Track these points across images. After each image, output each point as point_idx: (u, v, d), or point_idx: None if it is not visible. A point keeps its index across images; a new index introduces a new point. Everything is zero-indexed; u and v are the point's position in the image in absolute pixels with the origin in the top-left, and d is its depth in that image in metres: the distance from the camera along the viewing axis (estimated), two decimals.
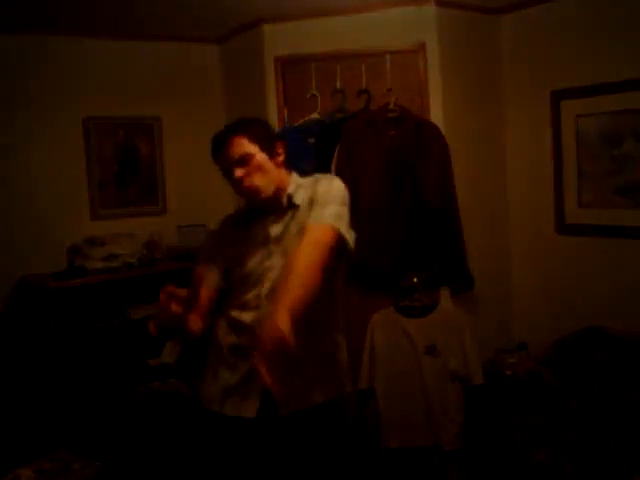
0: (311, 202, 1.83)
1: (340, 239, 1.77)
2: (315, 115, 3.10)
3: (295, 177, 1.93)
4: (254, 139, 1.86)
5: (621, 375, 2.62)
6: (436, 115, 3.04)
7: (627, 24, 2.82)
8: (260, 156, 1.84)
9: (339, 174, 2.98)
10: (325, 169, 3.03)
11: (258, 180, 1.83)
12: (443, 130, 3.00)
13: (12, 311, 3.12)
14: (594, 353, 2.72)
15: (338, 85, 3.10)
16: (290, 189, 1.88)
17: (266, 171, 1.85)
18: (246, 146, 1.84)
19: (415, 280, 2.99)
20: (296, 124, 3.12)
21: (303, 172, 3.02)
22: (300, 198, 1.86)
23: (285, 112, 3.20)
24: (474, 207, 3.17)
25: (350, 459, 1.94)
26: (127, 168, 3.44)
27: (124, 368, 3.15)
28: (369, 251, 2.98)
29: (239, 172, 1.82)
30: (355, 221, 2.83)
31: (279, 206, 1.88)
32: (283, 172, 1.90)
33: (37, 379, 3.10)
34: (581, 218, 3.08)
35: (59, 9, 2.84)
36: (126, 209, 3.44)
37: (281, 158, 1.89)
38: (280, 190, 1.87)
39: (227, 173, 1.86)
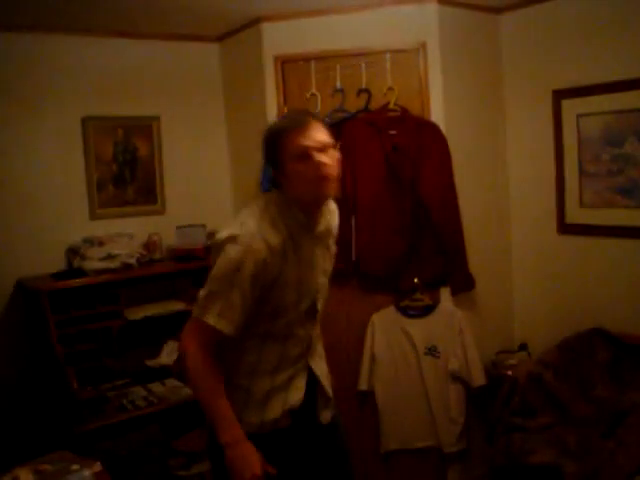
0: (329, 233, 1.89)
1: None
2: None
3: None
4: (331, 135, 1.74)
5: (623, 377, 2.61)
6: (437, 114, 3.03)
7: (628, 23, 2.80)
8: (336, 152, 1.73)
9: (339, 174, 2.98)
10: None
11: (336, 172, 1.71)
12: (444, 129, 2.99)
13: (10, 312, 3.10)
14: (596, 355, 2.71)
15: (338, 84, 3.08)
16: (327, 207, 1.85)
17: (339, 170, 1.74)
18: (328, 136, 1.72)
19: (415, 280, 2.98)
20: None
21: None
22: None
23: (285, 111, 3.18)
24: (475, 207, 3.16)
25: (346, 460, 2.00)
26: (126, 168, 3.42)
27: (122, 369, 3.14)
28: (369, 251, 2.98)
29: (324, 157, 1.67)
30: (355, 221, 2.83)
31: (316, 222, 1.80)
32: None
33: (35, 379, 3.09)
34: (582, 218, 3.07)
35: (57, 7, 2.83)
36: (125, 209, 3.42)
37: None
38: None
39: (304, 156, 1.66)
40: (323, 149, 1.67)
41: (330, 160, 1.67)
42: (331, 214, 1.91)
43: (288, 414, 1.82)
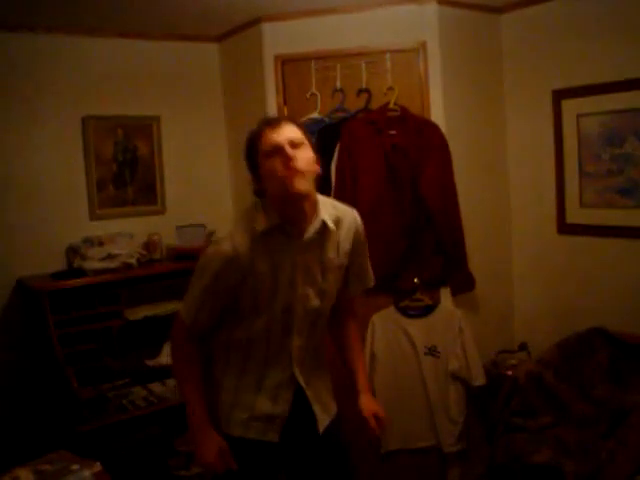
0: (353, 237, 1.92)
1: None
2: (315, 114, 3.09)
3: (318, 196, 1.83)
4: (307, 137, 1.78)
5: (623, 377, 2.61)
6: (437, 114, 3.03)
7: (629, 22, 2.81)
8: (311, 151, 1.75)
9: (339, 174, 2.98)
10: (325, 169, 3.02)
11: (306, 167, 1.70)
12: (444, 129, 2.99)
13: (10, 312, 3.10)
14: (596, 355, 2.71)
15: (338, 84, 3.09)
16: (323, 213, 1.78)
17: (312, 168, 1.74)
18: (302, 135, 1.75)
19: (416, 280, 2.98)
20: None
21: None
22: (330, 221, 1.80)
23: (285, 111, 3.18)
24: (475, 207, 3.16)
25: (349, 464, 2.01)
26: (126, 168, 3.42)
27: (122, 369, 3.14)
28: (369, 251, 2.97)
29: (292, 151, 1.69)
30: None
31: (305, 224, 1.76)
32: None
33: (36, 379, 3.09)
34: (582, 218, 3.06)
35: (57, 7, 2.83)
36: (125, 209, 3.42)
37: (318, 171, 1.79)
38: (312, 204, 1.76)
39: (274, 151, 1.69)
40: (294, 145, 1.70)
41: (301, 155, 1.70)
42: (345, 228, 1.87)
43: (275, 425, 1.83)
